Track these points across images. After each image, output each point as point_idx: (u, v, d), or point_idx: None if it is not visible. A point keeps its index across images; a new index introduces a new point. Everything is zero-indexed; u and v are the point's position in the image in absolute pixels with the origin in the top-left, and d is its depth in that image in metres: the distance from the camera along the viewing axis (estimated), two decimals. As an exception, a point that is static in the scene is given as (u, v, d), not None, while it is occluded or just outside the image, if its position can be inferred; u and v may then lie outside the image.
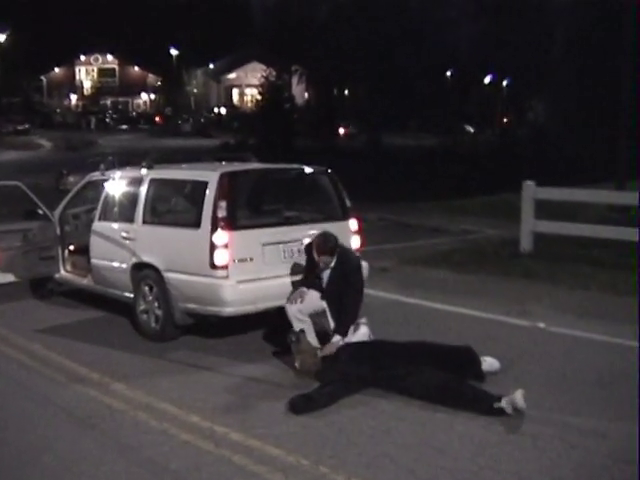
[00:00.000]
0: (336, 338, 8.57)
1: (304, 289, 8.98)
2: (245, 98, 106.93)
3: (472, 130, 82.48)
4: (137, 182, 10.48)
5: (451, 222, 20.54)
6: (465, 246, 16.67)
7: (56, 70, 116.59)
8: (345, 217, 10.28)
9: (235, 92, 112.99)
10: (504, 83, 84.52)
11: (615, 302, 11.47)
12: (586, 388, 7.93)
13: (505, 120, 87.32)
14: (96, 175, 11.71)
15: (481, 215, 21.60)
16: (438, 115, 70.75)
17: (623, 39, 19.86)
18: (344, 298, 8.81)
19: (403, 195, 26.89)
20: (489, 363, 8.31)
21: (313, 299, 8.92)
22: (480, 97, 79.84)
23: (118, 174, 11.14)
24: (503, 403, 7.09)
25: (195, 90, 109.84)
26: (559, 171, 27.24)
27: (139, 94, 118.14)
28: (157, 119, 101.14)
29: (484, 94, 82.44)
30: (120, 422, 7.20)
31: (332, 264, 8.89)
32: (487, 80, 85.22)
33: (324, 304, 8.91)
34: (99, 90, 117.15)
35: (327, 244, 8.83)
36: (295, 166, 10.63)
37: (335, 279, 8.88)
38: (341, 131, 73.49)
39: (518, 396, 7.03)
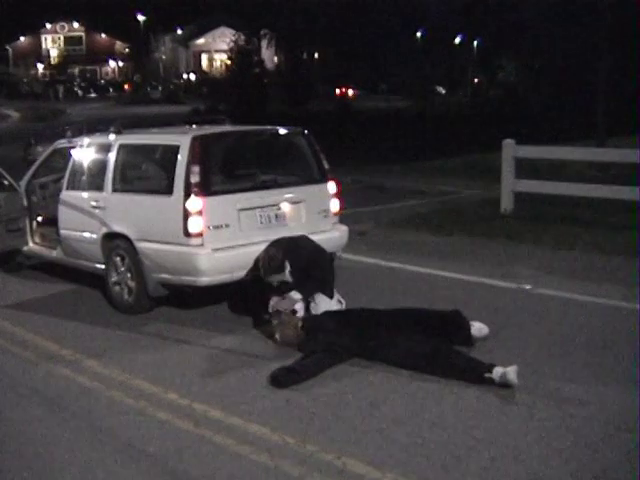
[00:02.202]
0: (296, 295, 8.28)
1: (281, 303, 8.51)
2: (214, 63, 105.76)
3: (443, 91, 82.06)
4: (105, 148, 10.06)
5: (427, 183, 20.20)
6: (444, 207, 16.34)
7: (21, 39, 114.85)
8: (323, 180, 9.93)
9: (204, 57, 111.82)
10: (474, 43, 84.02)
11: (601, 262, 11.21)
12: (579, 352, 7.64)
13: (476, 81, 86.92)
14: (63, 142, 11.23)
15: (457, 176, 21.29)
16: (409, 77, 70.28)
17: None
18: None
19: (377, 157, 26.52)
20: (477, 328, 8.00)
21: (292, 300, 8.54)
22: (451, 58, 79.32)
23: (86, 141, 10.68)
24: (494, 374, 6.77)
25: (163, 56, 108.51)
26: (532, 130, 26.94)
27: (107, 62, 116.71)
28: (126, 87, 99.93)
29: (454, 55, 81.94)
30: (94, 402, 6.81)
31: (287, 272, 8.50)
32: (457, 41, 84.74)
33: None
34: (66, 58, 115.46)
35: (273, 262, 8.49)
36: (270, 128, 10.25)
37: (299, 277, 8.54)
38: (349, 92, 72.44)
39: (511, 373, 6.68)
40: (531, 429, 6.00)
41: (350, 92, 72.16)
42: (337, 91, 69.33)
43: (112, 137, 10.10)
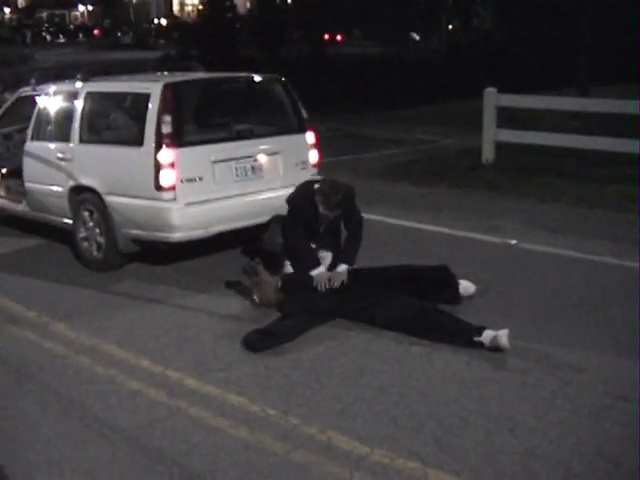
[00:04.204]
0: (342, 267, 7.73)
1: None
2: (186, 8, 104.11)
3: (418, 38, 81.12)
4: (72, 96, 9.56)
5: (405, 132, 19.74)
6: (423, 157, 15.92)
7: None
8: (301, 130, 9.53)
9: (175, 2, 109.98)
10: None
11: (587, 215, 10.91)
12: (570, 313, 7.31)
13: (450, 27, 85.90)
14: (27, 90, 10.72)
15: (435, 124, 20.76)
16: (384, 23, 69.34)
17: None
18: (347, 227, 8.09)
19: (352, 105, 25.90)
20: (464, 287, 7.67)
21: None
22: (426, 3, 78.34)
23: (52, 88, 10.17)
24: (484, 338, 6.42)
25: (134, 1, 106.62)
26: (509, 78, 26.46)
27: (76, 6, 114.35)
28: (96, 32, 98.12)
29: (429, 0, 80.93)
30: (61, 370, 6.40)
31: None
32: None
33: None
34: (34, 2, 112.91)
35: (337, 194, 7.68)
36: (245, 75, 9.80)
37: (333, 219, 8.02)
38: (338, 38, 71.21)
39: (503, 337, 6.32)
40: (525, 398, 5.67)
41: (338, 37, 71.06)
42: (326, 36, 68.17)
43: (79, 85, 9.60)
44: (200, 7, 58.65)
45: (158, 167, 8.24)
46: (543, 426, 5.27)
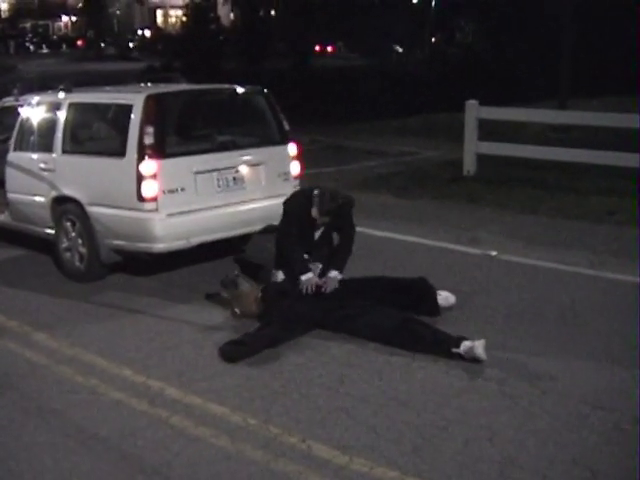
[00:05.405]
0: (333, 273, 7.77)
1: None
2: (170, 20, 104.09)
3: (400, 50, 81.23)
4: (55, 107, 9.57)
5: (387, 144, 19.79)
6: (405, 169, 16.01)
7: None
8: (283, 141, 9.58)
9: (159, 13, 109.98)
10: (432, 3, 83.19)
11: (566, 227, 10.99)
12: (549, 324, 7.39)
13: (433, 40, 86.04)
14: (10, 100, 10.73)
15: (417, 136, 20.86)
16: (368, 35, 69.49)
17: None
18: (340, 235, 8.14)
19: (335, 117, 25.98)
20: (444, 297, 7.72)
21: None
22: (409, 16, 78.47)
23: (35, 99, 10.18)
24: (462, 349, 6.48)
25: (118, 12, 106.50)
26: (489, 91, 26.60)
27: (60, 16, 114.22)
28: (79, 42, 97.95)
29: (413, 13, 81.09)
30: (42, 380, 6.41)
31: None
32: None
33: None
34: (17, 12, 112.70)
35: (334, 202, 7.77)
36: (228, 86, 9.84)
37: (328, 227, 8.10)
38: (328, 49, 71.30)
39: (479, 348, 6.40)
40: (504, 408, 5.72)
41: (329, 49, 71.13)
42: (317, 48, 68.18)
43: (61, 95, 9.62)
44: (184, 19, 58.60)
45: (140, 178, 8.26)
46: (521, 435, 5.33)
